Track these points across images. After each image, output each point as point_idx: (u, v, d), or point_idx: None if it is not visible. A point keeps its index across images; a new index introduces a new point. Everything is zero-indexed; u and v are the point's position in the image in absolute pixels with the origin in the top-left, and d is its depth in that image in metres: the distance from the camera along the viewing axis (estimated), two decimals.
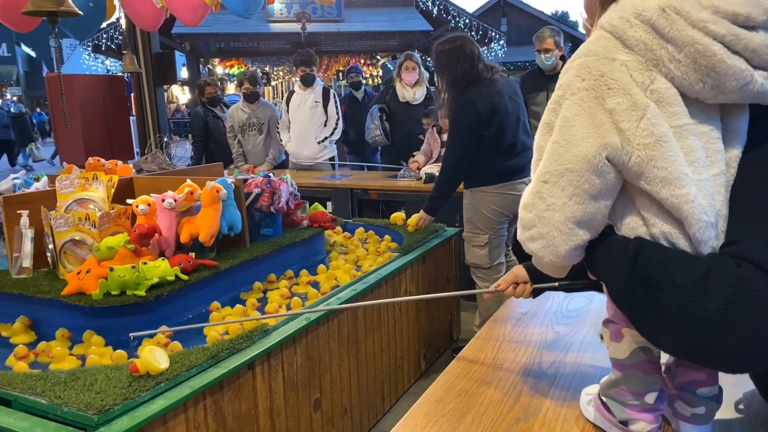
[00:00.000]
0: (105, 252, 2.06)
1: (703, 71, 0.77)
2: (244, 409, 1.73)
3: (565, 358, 1.39)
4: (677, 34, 0.77)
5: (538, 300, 1.76)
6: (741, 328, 0.70)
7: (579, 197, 0.83)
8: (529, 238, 0.90)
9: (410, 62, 4.68)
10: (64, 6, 2.66)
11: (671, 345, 0.79)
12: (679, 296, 0.74)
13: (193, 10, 3.78)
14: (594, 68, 0.82)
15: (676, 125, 0.79)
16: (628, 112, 0.79)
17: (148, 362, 1.52)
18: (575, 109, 0.83)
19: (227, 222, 2.36)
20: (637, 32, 0.80)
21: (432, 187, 3.08)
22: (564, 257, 0.87)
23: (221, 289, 2.28)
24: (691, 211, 0.77)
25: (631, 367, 0.97)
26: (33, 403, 1.45)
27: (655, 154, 0.78)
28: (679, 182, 0.77)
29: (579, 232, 0.85)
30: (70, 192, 2.35)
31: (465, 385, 1.29)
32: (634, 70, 0.80)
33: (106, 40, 10.79)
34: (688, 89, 0.79)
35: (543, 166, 0.87)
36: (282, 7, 11.30)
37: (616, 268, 0.83)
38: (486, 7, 19.17)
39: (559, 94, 0.87)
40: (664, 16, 0.77)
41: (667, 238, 0.80)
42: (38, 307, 2.08)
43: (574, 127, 0.83)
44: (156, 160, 3.27)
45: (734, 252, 0.75)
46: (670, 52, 0.78)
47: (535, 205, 0.88)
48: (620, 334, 0.97)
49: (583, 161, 0.82)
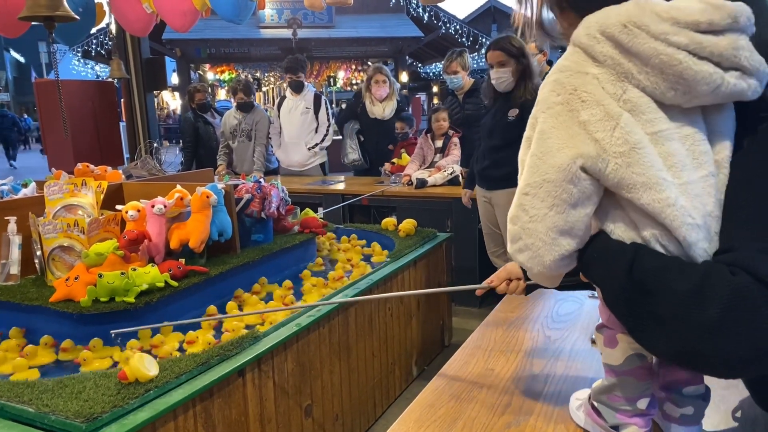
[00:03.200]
0: (94, 258, 2.05)
1: (671, 80, 0.78)
2: (234, 416, 1.72)
3: (555, 363, 1.40)
4: (641, 48, 0.79)
5: (529, 305, 1.77)
6: (735, 336, 0.71)
7: (558, 207, 0.84)
8: (517, 250, 0.91)
9: (380, 75, 4.58)
10: (61, 11, 2.65)
11: (666, 351, 0.79)
12: (675, 303, 0.75)
13: (183, 15, 3.78)
14: (567, 83, 0.84)
15: (651, 132, 0.80)
16: (602, 122, 0.81)
17: (137, 369, 1.51)
18: (551, 122, 0.85)
19: (217, 228, 2.35)
20: (604, 48, 0.82)
21: (423, 192, 3.07)
22: (550, 267, 0.88)
23: (211, 295, 2.27)
24: (674, 215, 0.78)
25: (625, 373, 0.97)
26: (20, 411, 1.43)
27: (631, 161, 0.79)
28: (658, 187, 0.78)
29: (563, 242, 0.86)
30: (58, 198, 2.33)
31: (456, 390, 1.28)
32: (606, 82, 0.82)
33: (95, 46, 10.76)
34: (662, 97, 0.80)
35: (524, 179, 0.89)
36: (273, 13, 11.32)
37: (611, 273, 0.84)
38: (476, 13, 19.27)
39: (537, 110, 0.89)
40: (625, 31, 0.79)
41: (659, 240, 0.81)
42: (26, 314, 2.05)
43: (549, 139, 0.85)
44: (146, 166, 3.26)
45: (729, 260, 0.75)
46: (637, 64, 0.80)
47: (519, 218, 0.89)
48: (615, 340, 0.97)
49: (558, 171, 0.83)
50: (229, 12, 3.69)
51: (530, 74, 2.99)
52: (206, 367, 1.66)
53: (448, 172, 4.15)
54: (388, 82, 4.58)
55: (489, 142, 3.14)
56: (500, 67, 3.00)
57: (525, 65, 2.98)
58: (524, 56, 2.98)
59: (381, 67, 4.70)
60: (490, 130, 3.13)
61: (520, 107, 2.95)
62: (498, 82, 3.03)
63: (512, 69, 2.98)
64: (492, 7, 19.00)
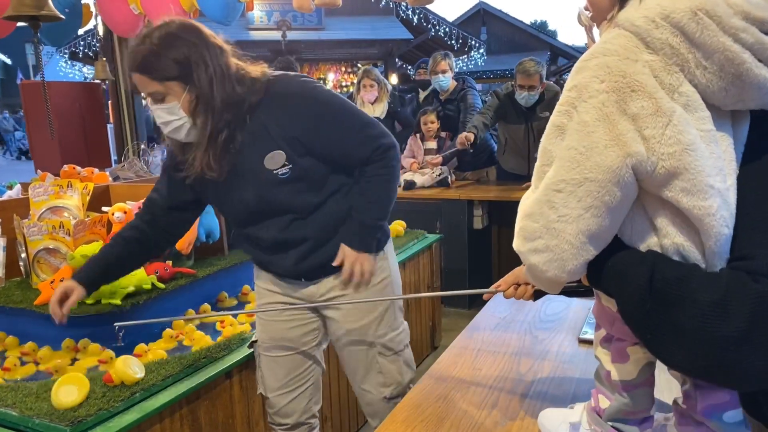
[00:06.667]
0: (80, 260, 2.02)
1: (728, 79, 0.73)
2: (221, 418, 1.71)
3: (542, 363, 1.40)
4: (708, 40, 0.72)
5: (516, 305, 1.77)
6: (762, 346, 0.69)
7: (597, 209, 0.76)
8: (533, 250, 0.82)
9: (367, 80, 4.53)
10: (45, 10, 2.63)
11: (686, 364, 0.75)
12: (698, 315, 0.71)
13: None
14: (615, 68, 0.75)
15: (704, 130, 0.75)
16: (653, 118, 0.73)
17: (123, 372, 1.50)
18: (595, 113, 0.76)
19: (205, 229, 2.33)
20: (664, 34, 0.74)
21: (412, 193, 3.05)
22: (570, 272, 0.81)
23: (199, 297, 2.25)
24: (712, 224, 0.73)
25: (640, 386, 0.91)
26: (3, 415, 1.42)
27: (680, 164, 0.73)
28: (704, 194, 0.73)
29: (590, 247, 0.79)
30: (43, 200, 2.31)
31: (443, 391, 1.28)
32: (661, 71, 0.74)
33: (83, 47, 10.66)
34: (711, 96, 0.75)
35: (557, 174, 0.79)
36: (262, 15, 11.28)
37: (629, 283, 0.78)
38: (465, 16, 19.32)
39: (573, 96, 0.79)
40: (695, 20, 0.72)
41: (679, 251, 0.77)
42: (10, 317, 2.03)
43: (595, 134, 0.76)
44: (133, 168, 3.24)
45: (750, 267, 0.72)
46: (697, 57, 0.73)
47: (543, 215, 0.80)
48: (625, 354, 0.90)
49: (606, 171, 0.75)
50: (217, 13, 3.68)
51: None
52: (193, 369, 1.65)
53: (437, 174, 4.16)
54: (376, 86, 4.57)
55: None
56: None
57: None
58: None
59: (369, 70, 4.68)
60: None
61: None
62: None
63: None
64: (481, 9, 19.07)
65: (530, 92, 3.77)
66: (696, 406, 0.86)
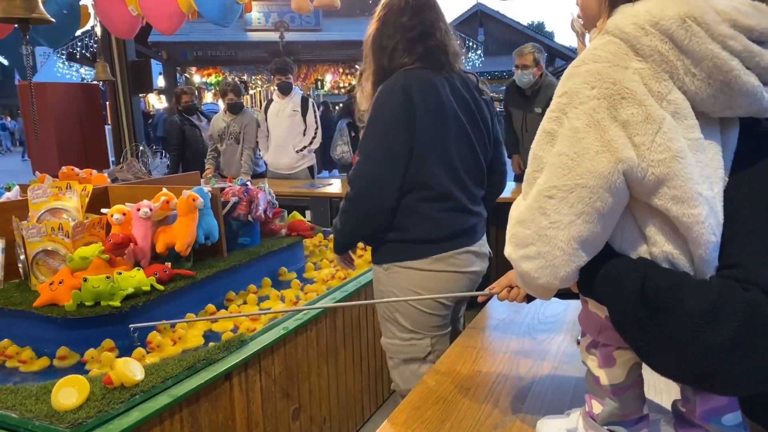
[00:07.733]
0: (79, 262, 2.03)
1: (717, 86, 0.73)
2: (221, 420, 1.71)
3: (542, 365, 1.41)
4: (696, 47, 0.72)
5: (515, 307, 1.78)
6: (752, 353, 0.69)
7: (588, 215, 0.76)
8: (525, 257, 0.82)
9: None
10: (36, 13, 2.62)
11: (677, 372, 0.76)
12: (689, 323, 0.71)
13: (169, 18, 3.76)
14: (606, 75, 0.76)
15: (691, 138, 0.75)
16: (643, 125, 0.74)
17: (123, 374, 1.50)
18: (585, 119, 0.76)
19: (204, 231, 2.33)
20: (653, 41, 0.74)
21: None
22: (563, 279, 0.81)
23: (198, 299, 2.25)
24: (701, 232, 0.73)
25: (629, 388, 0.91)
26: (3, 417, 1.42)
27: (670, 171, 0.73)
28: (693, 202, 0.73)
29: (582, 254, 0.79)
30: (42, 201, 2.31)
31: (443, 393, 1.29)
32: (650, 78, 0.75)
33: (80, 48, 10.66)
34: (699, 103, 0.75)
35: (548, 180, 0.79)
36: (260, 16, 11.30)
37: (621, 291, 0.78)
38: (463, 17, 19.36)
39: (563, 102, 0.79)
40: (684, 27, 0.72)
41: (668, 259, 0.77)
42: (9, 319, 2.03)
43: (585, 140, 0.76)
44: (131, 169, 3.24)
45: (739, 276, 0.72)
46: (685, 64, 0.74)
47: (535, 221, 0.80)
48: (612, 359, 0.90)
49: (598, 177, 0.75)
50: (216, 14, 3.68)
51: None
52: (193, 371, 1.65)
53: None
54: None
55: None
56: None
57: None
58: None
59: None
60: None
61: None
62: None
63: None
64: (479, 10, 19.10)
65: (523, 71, 4.10)
66: (695, 410, 0.86)
